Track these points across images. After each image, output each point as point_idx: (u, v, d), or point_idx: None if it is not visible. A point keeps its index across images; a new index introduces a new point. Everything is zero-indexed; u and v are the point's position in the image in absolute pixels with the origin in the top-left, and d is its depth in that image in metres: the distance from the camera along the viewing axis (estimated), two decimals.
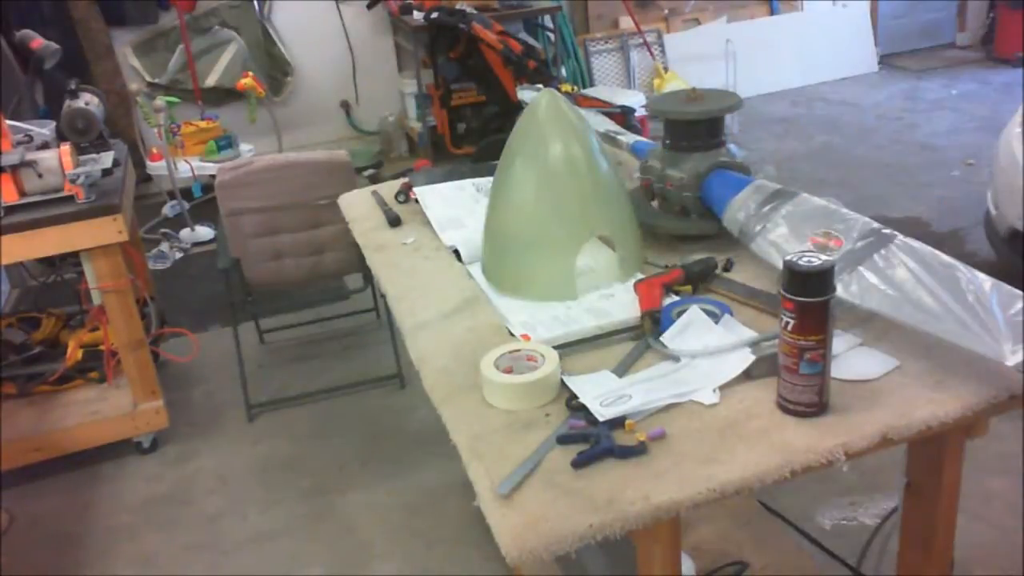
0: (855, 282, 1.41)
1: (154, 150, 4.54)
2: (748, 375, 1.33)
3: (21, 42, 3.22)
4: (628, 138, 2.13)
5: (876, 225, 1.52)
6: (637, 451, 1.19)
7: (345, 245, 2.86)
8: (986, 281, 1.33)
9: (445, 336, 1.54)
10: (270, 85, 5.44)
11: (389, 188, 2.25)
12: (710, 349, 1.39)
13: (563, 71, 5.71)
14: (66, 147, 2.59)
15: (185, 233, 4.61)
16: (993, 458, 2.24)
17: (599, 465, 1.18)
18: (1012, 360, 1.20)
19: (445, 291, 1.70)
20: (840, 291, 1.40)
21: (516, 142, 1.72)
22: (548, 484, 1.16)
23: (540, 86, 2.85)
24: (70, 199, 2.56)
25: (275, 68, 5.59)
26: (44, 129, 2.79)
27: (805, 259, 1.20)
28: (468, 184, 2.11)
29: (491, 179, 2.13)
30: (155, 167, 4.57)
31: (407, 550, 2.43)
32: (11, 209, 2.52)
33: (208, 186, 4.37)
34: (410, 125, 5.64)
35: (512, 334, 1.52)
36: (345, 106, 5.85)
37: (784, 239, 1.55)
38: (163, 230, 4.63)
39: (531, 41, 5.53)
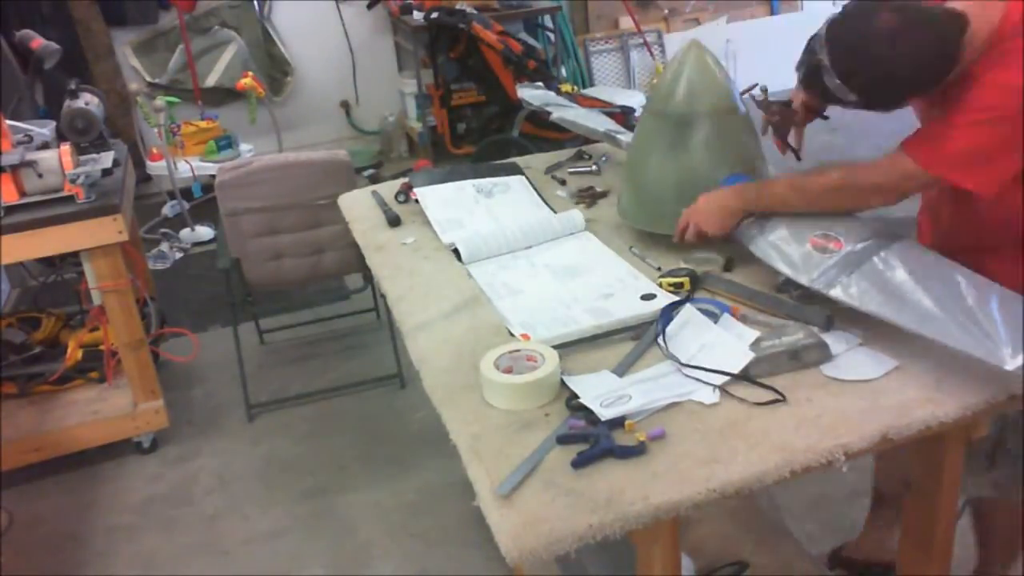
0: (854, 284, 1.41)
1: (154, 150, 4.54)
2: (748, 375, 1.33)
3: (21, 42, 3.21)
4: (627, 138, 2.13)
5: (875, 227, 1.52)
6: (637, 451, 1.19)
7: (345, 245, 2.86)
8: (986, 285, 1.33)
9: (445, 336, 1.54)
10: (270, 85, 5.43)
11: (389, 188, 2.25)
12: (708, 347, 1.39)
13: (563, 71, 5.71)
14: (66, 147, 2.59)
15: (185, 233, 4.61)
16: None
17: (599, 465, 1.18)
18: (1011, 365, 1.20)
19: (445, 291, 1.70)
20: (839, 293, 1.41)
21: (657, 100, 1.81)
22: (548, 484, 1.16)
23: (540, 84, 2.83)
24: (70, 199, 2.56)
25: (275, 68, 5.59)
26: (44, 129, 2.79)
27: None
28: (468, 185, 2.11)
29: (491, 180, 2.15)
30: (155, 167, 4.56)
31: (407, 550, 2.43)
32: (11, 209, 2.52)
33: (208, 186, 4.36)
34: (410, 125, 5.63)
35: (512, 334, 1.52)
36: (345, 106, 5.85)
37: (784, 240, 1.55)
38: (163, 230, 4.63)
39: (531, 41, 5.52)
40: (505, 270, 1.78)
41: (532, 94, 2.62)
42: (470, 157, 4.80)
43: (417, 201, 2.06)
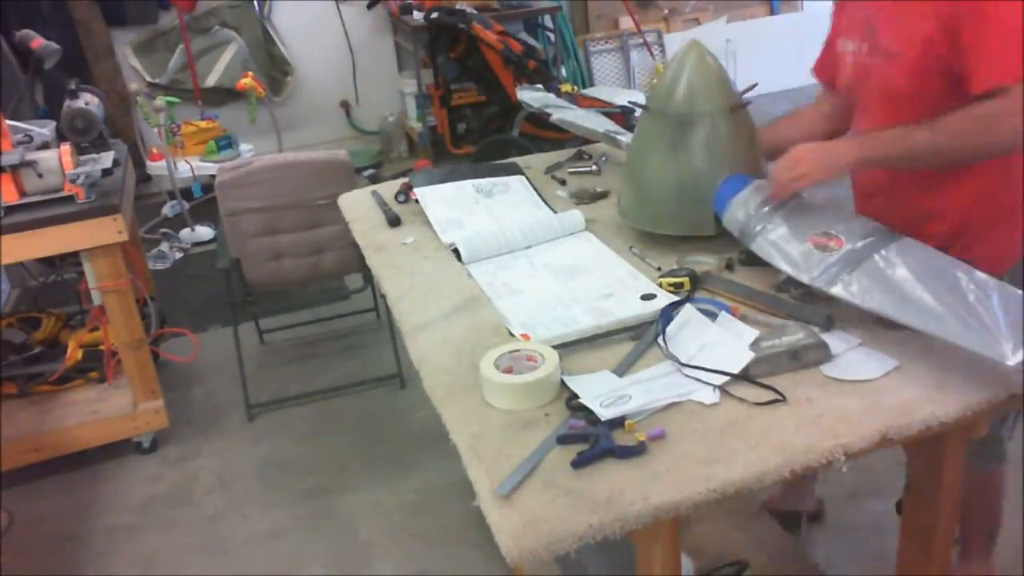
0: (855, 282, 1.41)
1: (154, 150, 4.54)
2: (748, 375, 1.33)
3: (21, 42, 3.22)
4: (627, 138, 2.13)
5: (876, 224, 1.52)
6: (637, 451, 1.19)
7: (345, 245, 2.86)
8: (987, 281, 1.33)
9: (445, 336, 1.54)
10: (270, 85, 5.43)
11: (389, 188, 2.25)
12: (707, 347, 1.39)
13: (563, 71, 5.71)
14: (66, 147, 2.59)
15: (185, 233, 4.61)
16: None
17: (599, 465, 1.18)
18: (1013, 360, 1.20)
19: (445, 291, 1.70)
20: (840, 291, 1.41)
21: (657, 100, 1.79)
22: (548, 484, 1.16)
23: (540, 86, 2.82)
24: (70, 199, 2.56)
25: (275, 68, 5.59)
26: (44, 129, 2.79)
27: None
28: (468, 185, 2.11)
29: (491, 180, 2.15)
30: (155, 167, 4.57)
31: (407, 550, 2.43)
32: (11, 209, 2.52)
33: (208, 186, 4.36)
34: (410, 125, 5.63)
35: (512, 334, 1.52)
36: (345, 106, 5.85)
37: (784, 239, 1.55)
38: (163, 230, 4.63)
39: (531, 41, 5.52)
40: (505, 270, 1.78)
41: (532, 96, 2.62)
42: (470, 157, 4.80)
43: (417, 201, 2.06)
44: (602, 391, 1.32)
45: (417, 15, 5.11)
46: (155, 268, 4.26)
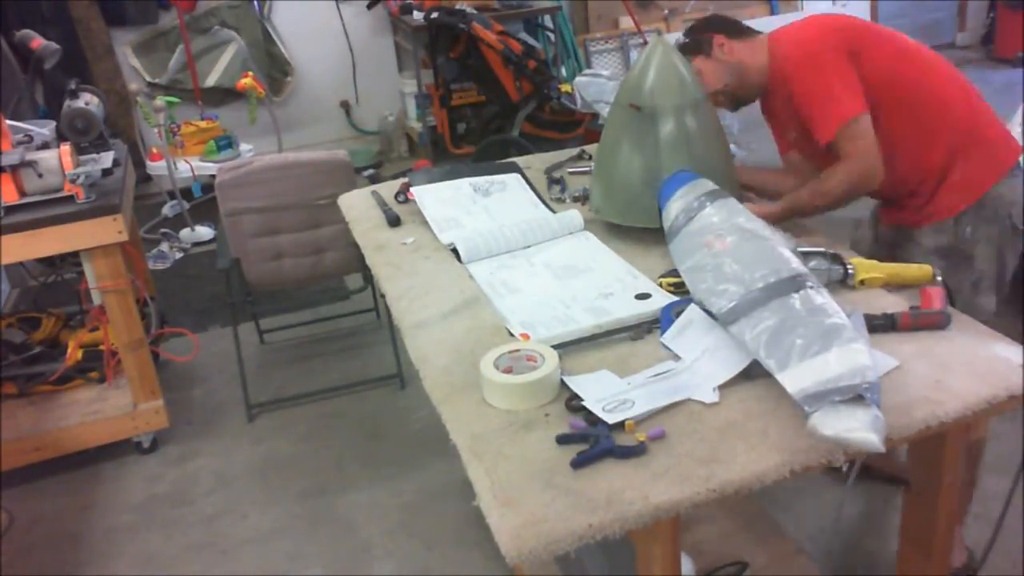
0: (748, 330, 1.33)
1: (154, 150, 4.54)
2: (748, 375, 1.33)
3: (21, 42, 3.21)
4: None
5: (768, 271, 1.40)
6: (637, 451, 1.19)
7: (345, 245, 2.86)
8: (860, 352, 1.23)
9: (445, 336, 1.54)
10: (270, 85, 5.43)
11: (389, 188, 2.25)
12: (711, 350, 1.39)
13: (563, 71, 5.71)
14: (66, 147, 2.59)
15: (185, 233, 4.61)
16: (993, 458, 2.24)
17: (599, 465, 1.18)
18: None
19: (445, 291, 1.70)
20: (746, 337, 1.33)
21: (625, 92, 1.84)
22: (548, 484, 1.16)
23: (603, 73, 2.64)
24: (70, 199, 2.56)
25: (275, 68, 5.59)
26: (44, 129, 2.79)
27: None
28: (464, 184, 2.11)
29: (487, 178, 2.14)
30: (155, 167, 4.56)
31: (407, 550, 2.43)
32: (11, 209, 2.52)
33: (208, 186, 4.36)
34: (410, 125, 5.63)
35: (512, 334, 1.52)
36: (345, 106, 5.85)
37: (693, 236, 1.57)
38: (163, 230, 4.63)
39: (531, 41, 5.53)
40: (504, 269, 1.78)
41: (587, 83, 2.44)
42: (470, 157, 4.80)
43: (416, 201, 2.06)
44: (605, 395, 1.31)
45: (417, 15, 5.11)
46: (155, 268, 4.26)
